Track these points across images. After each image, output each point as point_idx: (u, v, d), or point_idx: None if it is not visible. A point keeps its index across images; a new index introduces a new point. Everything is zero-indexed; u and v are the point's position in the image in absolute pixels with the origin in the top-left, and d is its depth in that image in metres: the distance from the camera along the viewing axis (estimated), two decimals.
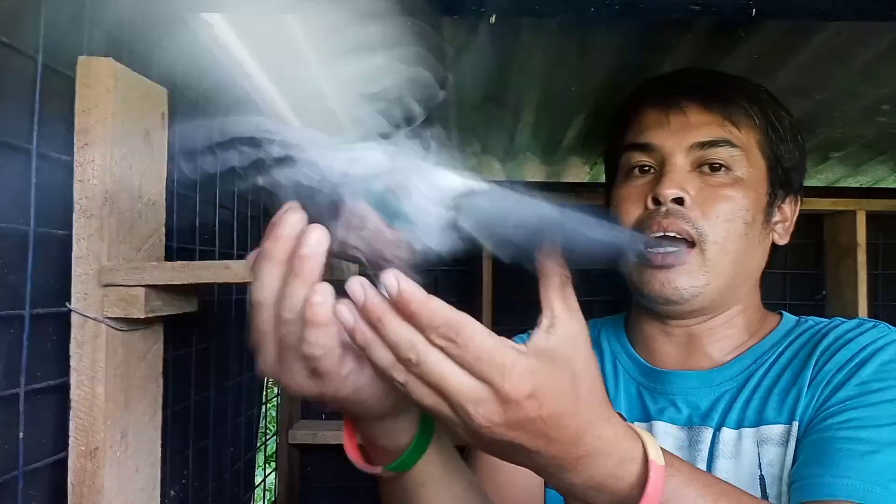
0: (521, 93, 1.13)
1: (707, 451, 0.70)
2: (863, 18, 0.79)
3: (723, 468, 0.68)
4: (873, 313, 1.58)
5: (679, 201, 0.70)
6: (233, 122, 0.63)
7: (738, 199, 0.71)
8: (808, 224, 1.67)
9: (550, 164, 1.59)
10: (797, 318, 0.79)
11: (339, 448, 1.66)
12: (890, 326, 0.72)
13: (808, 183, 1.72)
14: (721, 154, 0.72)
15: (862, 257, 1.52)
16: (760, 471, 0.67)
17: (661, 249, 0.70)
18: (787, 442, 0.66)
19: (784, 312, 0.81)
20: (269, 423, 1.81)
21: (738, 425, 0.70)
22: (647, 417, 0.75)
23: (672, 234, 0.69)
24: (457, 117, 1.25)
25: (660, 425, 0.73)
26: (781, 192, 0.77)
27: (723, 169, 0.72)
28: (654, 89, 0.78)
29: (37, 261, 0.59)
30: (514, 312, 1.65)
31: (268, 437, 1.61)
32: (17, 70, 0.58)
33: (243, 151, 0.64)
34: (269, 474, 1.52)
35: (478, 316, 1.59)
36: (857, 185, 1.71)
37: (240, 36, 0.92)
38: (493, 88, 1.11)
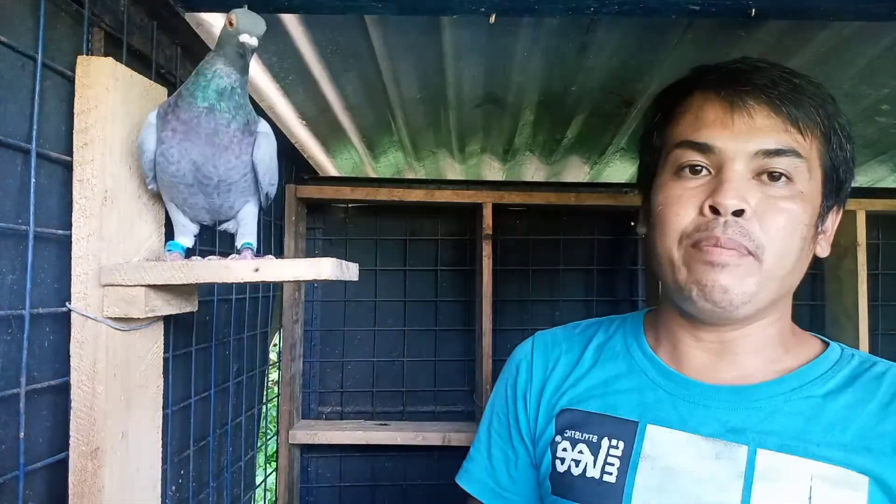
0: (521, 93, 1.13)
1: (744, 469, 0.66)
2: (863, 18, 0.79)
3: (764, 491, 0.65)
4: (873, 313, 1.58)
5: (739, 213, 0.66)
6: None
7: (798, 213, 0.68)
8: None
9: (550, 163, 1.59)
10: (840, 346, 0.76)
11: (339, 448, 1.65)
12: None
13: None
14: (784, 164, 0.67)
15: (862, 257, 1.52)
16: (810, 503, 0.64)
17: (718, 249, 0.66)
18: (854, 489, 0.64)
19: (823, 338, 0.79)
20: (270, 423, 1.81)
21: (785, 450, 0.66)
22: (667, 423, 0.71)
23: (730, 249, 0.66)
24: (457, 117, 1.25)
25: (682, 435, 0.70)
26: (831, 204, 0.73)
27: (783, 178, 0.68)
28: (717, 81, 0.70)
29: (37, 261, 0.59)
30: (514, 312, 1.65)
31: (268, 437, 1.61)
32: (17, 70, 0.58)
33: None
34: (270, 474, 1.52)
35: (478, 316, 1.59)
36: (857, 185, 1.71)
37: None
38: (494, 88, 1.11)
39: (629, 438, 0.72)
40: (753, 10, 0.77)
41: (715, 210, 0.66)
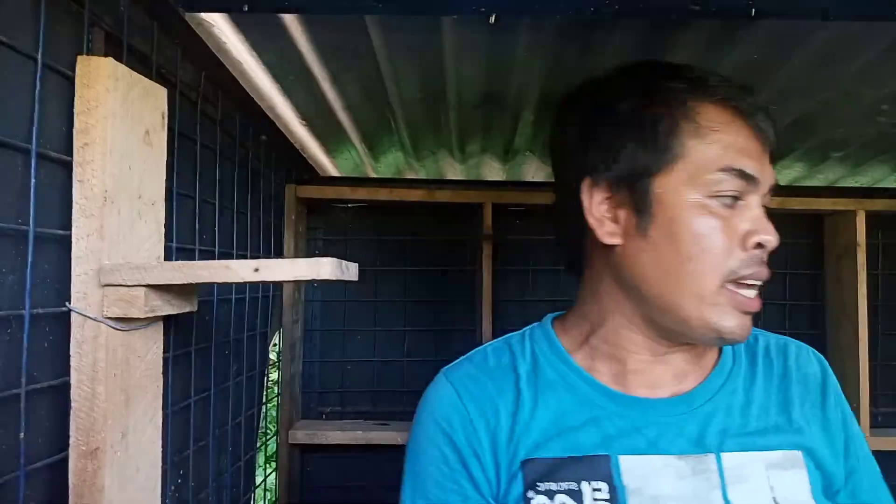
0: (521, 93, 1.13)
1: (718, 478, 0.67)
2: (863, 18, 0.79)
3: (738, 493, 0.66)
4: (873, 313, 1.58)
5: None
6: None
7: None
8: (808, 224, 1.67)
9: (550, 164, 1.59)
10: None
11: (339, 448, 1.65)
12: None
13: (808, 183, 1.72)
14: (769, 198, 0.69)
15: (862, 257, 1.52)
16: (773, 493, 0.66)
17: (753, 295, 0.66)
18: (797, 466, 0.68)
19: None
20: (270, 423, 1.81)
21: (741, 448, 0.68)
22: (636, 450, 0.68)
23: (761, 283, 0.67)
24: (457, 117, 1.25)
25: (655, 459, 0.68)
26: None
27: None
28: (730, 97, 0.68)
29: (37, 261, 0.59)
30: (514, 313, 1.65)
31: (268, 437, 1.61)
32: (17, 70, 0.58)
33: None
34: (270, 474, 1.52)
35: (478, 316, 1.59)
36: (857, 185, 1.71)
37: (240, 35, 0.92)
38: (493, 88, 1.11)
39: (608, 476, 0.67)
40: (753, 10, 0.77)
41: (760, 246, 0.65)
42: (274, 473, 1.55)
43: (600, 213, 0.71)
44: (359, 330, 1.65)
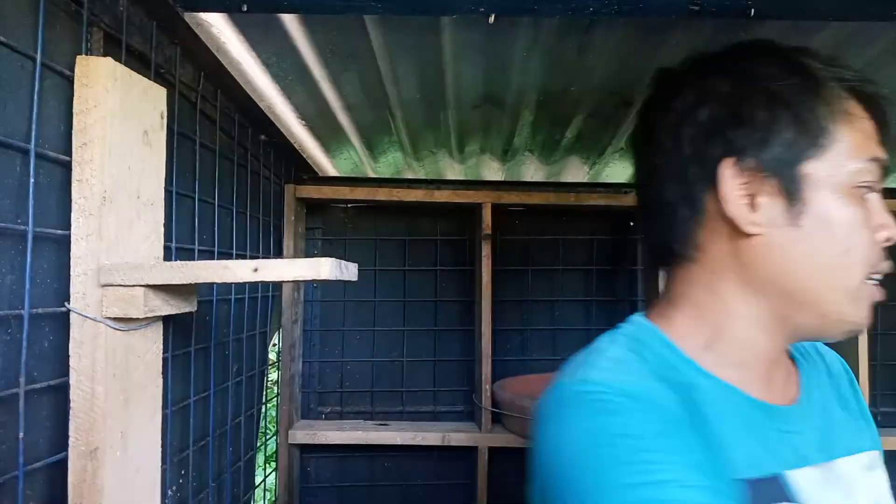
0: (521, 93, 1.13)
1: (845, 485, 0.64)
2: (863, 18, 0.79)
3: (859, 499, 0.64)
4: (872, 313, 1.58)
5: None
6: None
7: None
8: None
9: (549, 163, 1.59)
10: None
11: (338, 448, 1.65)
12: None
13: None
14: None
15: None
16: (870, 494, 0.65)
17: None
18: (877, 467, 0.68)
19: None
20: (269, 422, 1.81)
21: (847, 452, 0.67)
22: (793, 464, 0.63)
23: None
24: (457, 117, 1.25)
25: (807, 471, 0.63)
26: None
27: None
28: (860, 87, 0.64)
29: (36, 261, 0.59)
30: (513, 312, 1.65)
31: (268, 436, 1.61)
32: (16, 70, 0.58)
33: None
34: (270, 474, 1.52)
35: (477, 316, 1.59)
36: None
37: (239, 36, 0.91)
38: (492, 88, 1.11)
39: (786, 496, 0.61)
40: (753, 10, 0.77)
41: (888, 240, 0.64)
42: (273, 473, 1.55)
43: (736, 198, 0.63)
44: (358, 330, 1.65)
